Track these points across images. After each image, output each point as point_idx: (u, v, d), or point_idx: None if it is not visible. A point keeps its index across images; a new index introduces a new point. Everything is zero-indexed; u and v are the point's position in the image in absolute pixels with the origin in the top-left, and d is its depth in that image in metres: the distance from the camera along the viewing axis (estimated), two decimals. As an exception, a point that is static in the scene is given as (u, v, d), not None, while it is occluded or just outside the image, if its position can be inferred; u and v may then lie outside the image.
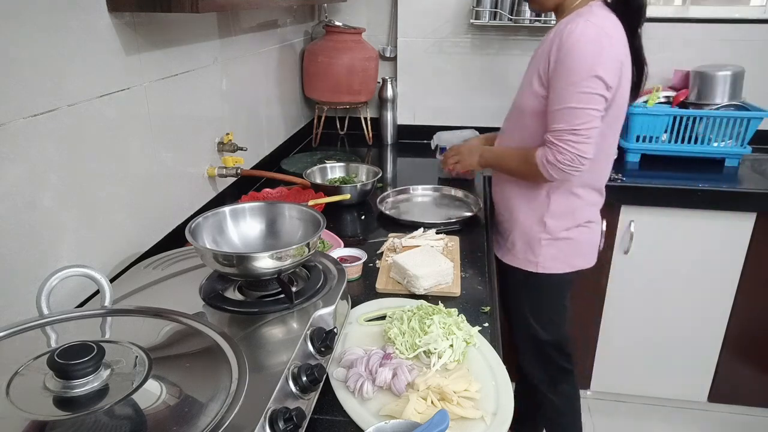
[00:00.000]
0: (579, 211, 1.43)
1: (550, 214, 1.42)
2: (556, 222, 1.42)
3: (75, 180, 1.00)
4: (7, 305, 0.87)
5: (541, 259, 1.46)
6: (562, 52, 1.23)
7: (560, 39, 1.23)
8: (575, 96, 1.22)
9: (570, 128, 1.23)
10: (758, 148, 2.10)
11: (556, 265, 1.47)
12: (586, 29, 1.21)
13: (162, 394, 0.65)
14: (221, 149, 1.56)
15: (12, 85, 0.85)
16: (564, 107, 1.23)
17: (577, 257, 1.48)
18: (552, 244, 1.44)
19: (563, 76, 1.23)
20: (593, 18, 1.23)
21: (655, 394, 2.24)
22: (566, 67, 1.22)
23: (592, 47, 1.20)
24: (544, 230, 1.43)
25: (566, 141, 1.24)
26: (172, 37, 1.29)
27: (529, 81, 1.36)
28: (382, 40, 2.41)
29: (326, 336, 0.85)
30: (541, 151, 1.30)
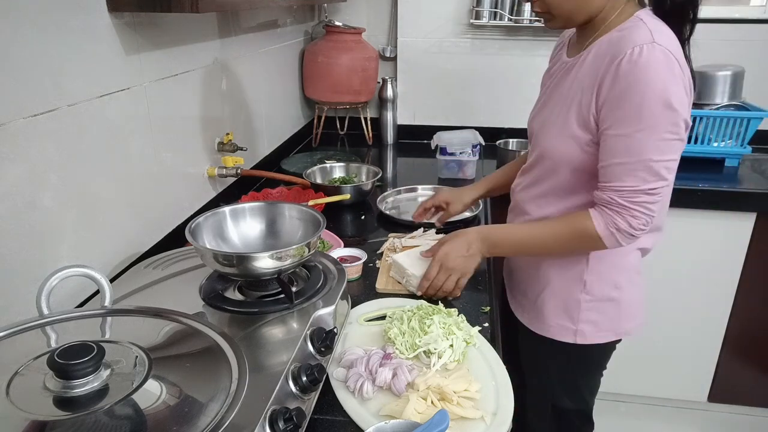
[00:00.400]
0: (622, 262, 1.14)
1: (590, 270, 1.12)
2: (599, 277, 1.13)
3: (75, 180, 1.00)
4: (7, 305, 0.87)
5: (582, 327, 1.15)
6: (623, 87, 0.92)
7: (617, 69, 0.93)
8: (655, 146, 0.93)
9: (646, 188, 0.96)
10: (758, 148, 2.10)
11: (599, 333, 1.16)
12: (654, 54, 0.90)
13: (162, 394, 0.65)
14: (221, 149, 1.56)
15: (12, 85, 0.85)
16: (638, 161, 0.94)
17: (624, 321, 1.17)
18: (594, 308, 1.15)
19: (631, 120, 0.93)
20: (657, 36, 0.92)
21: (655, 394, 2.24)
22: (635, 106, 0.92)
23: (666, 79, 0.91)
24: (584, 290, 1.14)
25: (640, 203, 0.97)
26: (172, 37, 1.29)
27: (562, 121, 1.05)
28: (382, 40, 2.41)
29: (326, 336, 0.85)
30: (602, 218, 1.00)
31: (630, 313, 1.17)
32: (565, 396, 1.27)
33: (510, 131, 2.32)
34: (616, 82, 0.94)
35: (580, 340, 1.16)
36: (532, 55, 2.27)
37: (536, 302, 1.20)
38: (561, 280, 1.15)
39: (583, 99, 1.00)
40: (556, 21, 1.05)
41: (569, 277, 1.14)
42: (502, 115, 2.38)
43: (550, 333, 1.19)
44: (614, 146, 0.96)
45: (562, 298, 1.15)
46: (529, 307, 1.23)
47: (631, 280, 1.15)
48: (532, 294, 1.21)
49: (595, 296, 1.13)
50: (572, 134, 1.03)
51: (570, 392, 1.27)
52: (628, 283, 1.15)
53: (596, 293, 1.13)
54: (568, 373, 1.24)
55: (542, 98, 1.18)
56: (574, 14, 1.02)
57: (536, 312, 1.20)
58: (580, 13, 1.02)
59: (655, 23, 0.96)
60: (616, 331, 1.18)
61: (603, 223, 1.00)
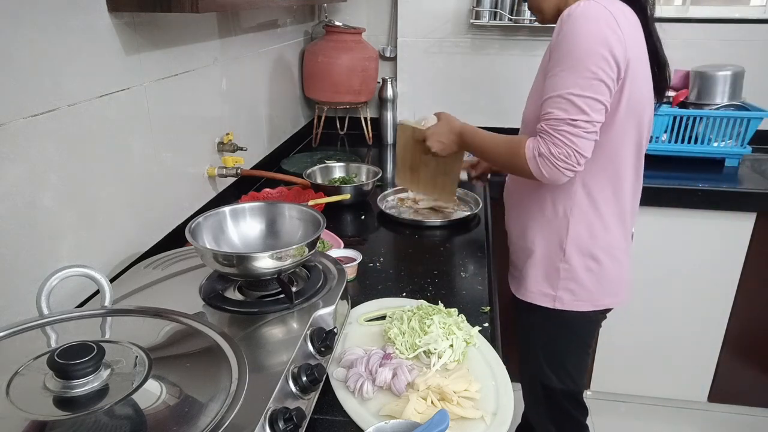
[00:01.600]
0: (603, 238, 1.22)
1: (569, 240, 1.21)
2: (577, 248, 1.22)
3: (75, 180, 1.00)
4: (7, 305, 0.87)
5: (560, 294, 1.25)
6: (559, 37, 1.06)
7: (559, 26, 1.07)
8: (575, 82, 1.04)
9: (568, 118, 1.04)
10: (758, 148, 2.11)
11: (576, 302, 1.25)
12: (588, 9, 1.04)
13: (162, 394, 0.65)
14: (221, 149, 1.56)
15: (12, 85, 0.85)
16: (561, 94, 1.05)
17: (603, 294, 1.25)
18: (573, 278, 1.24)
19: (561, 60, 1.05)
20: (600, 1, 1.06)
21: (655, 394, 2.24)
22: (564, 50, 1.05)
23: (594, 26, 1.02)
24: (563, 259, 1.23)
25: (562, 132, 1.05)
26: (172, 37, 1.29)
27: (535, 90, 1.19)
28: (382, 40, 2.41)
29: (326, 336, 0.85)
30: (532, 142, 1.09)
31: (610, 288, 1.25)
32: (552, 373, 1.33)
33: (510, 131, 2.31)
34: (556, 34, 1.07)
35: (558, 305, 1.25)
36: (532, 55, 2.27)
37: (522, 270, 1.30)
38: (543, 250, 1.25)
39: (545, 64, 1.13)
40: (544, 15, 1.21)
41: (551, 246, 1.24)
42: (502, 115, 2.37)
43: (531, 298, 1.28)
44: (548, 85, 1.08)
45: (543, 266, 1.25)
46: (518, 276, 1.34)
47: (613, 255, 1.23)
48: (520, 263, 1.32)
49: (573, 266, 1.22)
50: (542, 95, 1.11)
51: (555, 367, 1.33)
52: (608, 258, 1.23)
53: (574, 263, 1.22)
54: (551, 343, 1.32)
55: None
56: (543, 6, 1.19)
57: (521, 279, 1.31)
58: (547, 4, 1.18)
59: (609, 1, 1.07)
60: (594, 303, 1.25)
61: (530, 146, 1.10)
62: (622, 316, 2.07)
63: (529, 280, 1.28)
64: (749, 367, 2.10)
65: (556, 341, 1.32)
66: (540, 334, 1.32)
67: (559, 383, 1.33)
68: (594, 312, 1.27)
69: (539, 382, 1.35)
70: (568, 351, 1.33)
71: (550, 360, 1.33)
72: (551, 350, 1.32)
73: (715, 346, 2.09)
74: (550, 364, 1.33)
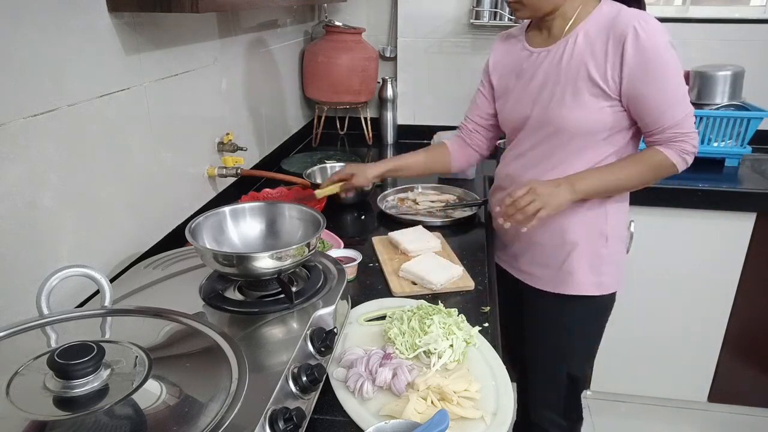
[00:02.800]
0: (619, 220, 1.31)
1: (609, 225, 1.28)
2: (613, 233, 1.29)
3: (75, 180, 1.00)
4: (7, 305, 0.87)
5: (603, 279, 1.30)
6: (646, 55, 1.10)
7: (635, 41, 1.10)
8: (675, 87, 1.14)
9: (689, 111, 1.16)
10: (758, 148, 2.10)
11: (612, 283, 1.32)
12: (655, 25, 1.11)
13: (162, 394, 0.65)
14: (221, 149, 1.56)
15: (12, 85, 0.85)
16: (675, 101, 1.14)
17: (621, 272, 1.35)
18: (611, 261, 1.30)
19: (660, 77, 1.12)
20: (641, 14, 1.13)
21: (655, 394, 2.24)
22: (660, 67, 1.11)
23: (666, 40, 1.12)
24: (606, 245, 1.28)
25: (692, 126, 1.17)
26: (172, 37, 1.29)
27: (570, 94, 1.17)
28: (382, 40, 2.41)
29: (326, 336, 0.85)
30: (672, 149, 1.17)
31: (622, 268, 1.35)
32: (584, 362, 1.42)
33: (510, 131, 2.32)
34: (638, 52, 1.10)
35: (603, 290, 1.31)
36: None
37: (562, 267, 1.30)
38: (587, 241, 1.27)
39: (591, 71, 1.15)
40: (525, 10, 1.20)
41: (594, 235, 1.27)
42: (502, 115, 2.37)
43: (581, 290, 1.30)
44: (655, 99, 1.13)
45: (588, 256, 1.28)
46: (553, 275, 1.32)
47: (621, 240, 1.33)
48: (555, 262, 1.31)
49: (611, 250, 1.29)
50: (584, 103, 1.16)
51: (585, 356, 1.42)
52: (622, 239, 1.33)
53: (612, 247, 1.29)
54: (587, 332, 1.38)
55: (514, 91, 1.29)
56: (541, 4, 1.17)
57: (564, 275, 1.30)
58: (546, 4, 1.17)
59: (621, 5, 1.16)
60: (619, 280, 1.34)
61: (674, 152, 1.17)
62: (622, 316, 2.07)
63: (576, 273, 1.29)
64: (749, 367, 2.10)
65: (593, 328, 1.39)
66: (582, 325, 1.37)
67: (577, 370, 1.40)
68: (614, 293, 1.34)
69: (567, 374, 1.39)
70: (596, 335, 1.41)
71: (583, 349, 1.39)
72: (586, 339, 1.39)
73: (715, 346, 2.08)
74: (582, 352, 1.40)
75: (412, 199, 1.70)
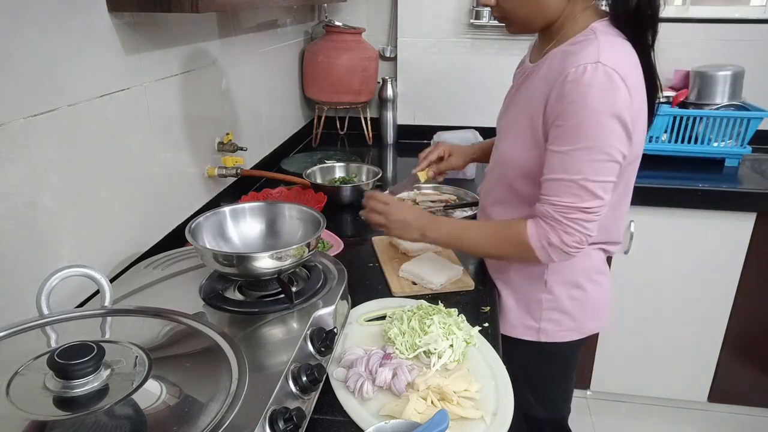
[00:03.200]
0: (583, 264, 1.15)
1: (550, 270, 1.14)
2: (559, 278, 1.15)
3: (75, 180, 1.00)
4: (7, 305, 0.87)
5: (544, 325, 1.18)
6: (565, 105, 0.94)
7: (561, 86, 0.94)
8: (589, 166, 0.94)
9: (583, 206, 0.96)
10: (758, 148, 2.10)
11: (562, 332, 1.19)
12: (596, 75, 0.90)
13: (162, 394, 0.65)
14: (221, 149, 1.56)
15: (12, 85, 0.85)
16: (574, 179, 0.95)
17: (587, 320, 1.19)
18: (556, 308, 1.17)
19: (570, 137, 0.94)
20: (603, 55, 0.91)
21: (655, 394, 2.24)
22: (573, 125, 0.93)
23: (606, 99, 0.91)
24: (545, 290, 1.16)
25: (575, 220, 0.97)
26: (172, 37, 1.29)
27: (516, 129, 1.07)
28: (382, 40, 2.41)
29: (326, 336, 0.85)
30: (536, 229, 1.01)
31: (593, 313, 1.20)
32: (537, 402, 1.27)
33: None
34: (559, 100, 0.95)
35: (543, 338, 1.19)
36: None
37: (499, 302, 1.22)
38: (522, 280, 1.17)
39: (534, 111, 1.02)
40: (514, 26, 1.07)
41: (530, 277, 1.16)
42: (502, 115, 2.38)
43: (514, 332, 1.21)
44: (553, 162, 0.98)
45: (524, 298, 1.18)
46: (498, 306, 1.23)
47: (594, 280, 1.17)
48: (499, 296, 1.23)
49: (556, 296, 1.16)
50: (524, 144, 1.04)
51: (539, 397, 1.27)
52: (589, 283, 1.17)
53: (557, 293, 1.16)
54: (535, 375, 1.24)
55: (507, 99, 1.20)
56: (530, 20, 1.04)
57: (502, 313, 1.21)
58: (535, 19, 1.03)
59: (607, 39, 0.95)
60: (580, 330, 1.20)
61: (536, 234, 1.01)
62: (622, 316, 2.08)
63: (509, 313, 1.20)
64: (749, 367, 2.10)
65: (540, 372, 1.26)
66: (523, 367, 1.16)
67: (544, 412, 1.29)
68: (579, 340, 1.21)
69: (523, 413, 1.26)
70: (553, 380, 1.28)
71: (535, 390, 1.26)
72: (536, 381, 1.26)
73: (715, 346, 2.08)
74: (535, 394, 1.27)
75: (412, 199, 1.70)
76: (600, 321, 1.21)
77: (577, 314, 1.18)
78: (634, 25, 0.98)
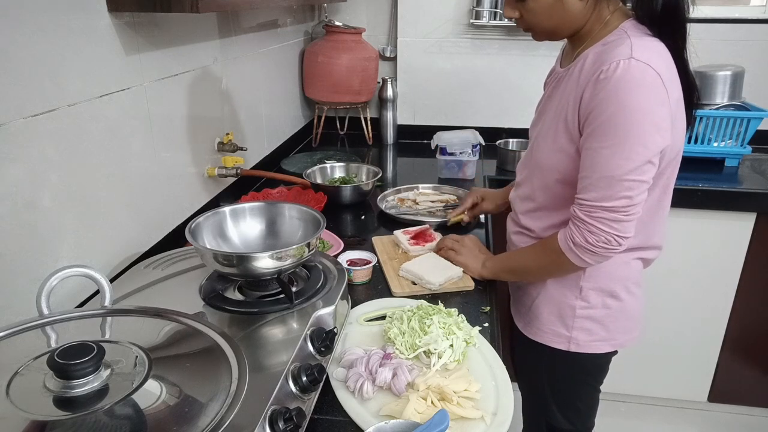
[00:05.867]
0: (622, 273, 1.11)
1: (586, 276, 1.11)
2: (595, 285, 1.11)
3: (75, 180, 1.00)
4: (7, 305, 0.87)
5: (575, 334, 1.14)
6: (597, 102, 0.92)
7: (594, 84, 0.92)
8: (619, 164, 0.92)
9: (606, 205, 0.94)
10: (758, 148, 2.10)
11: (593, 342, 1.15)
12: (631, 72, 0.88)
13: (162, 394, 0.65)
14: (221, 149, 1.56)
15: (12, 85, 0.85)
16: (603, 176, 0.93)
17: (619, 332, 1.15)
18: (589, 316, 1.13)
19: (603, 135, 0.92)
20: (637, 51, 0.90)
21: (655, 394, 2.24)
22: (606, 122, 0.91)
23: (642, 96, 0.89)
24: (579, 296, 1.12)
25: (599, 219, 0.95)
26: (172, 37, 1.29)
27: (553, 133, 1.04)
28: (382, 40, 2.41)
29: (326, 336, 0.85)
30: (563, 233, 1.01)
31: (626, 325, 1.16)
32: (559, 412, 1.24)
33: (510, 131, 2.33)
34: (592, 97, 0.93)
35: (573, 347, 1.15)
36: (531, 55, 2.28)
37: (531, 307, 1.19)
38: (556, 286, 1.14)
39: (568, 113, 1.00)
40: (541, 36, 1.05)
41: (565, 283, 1.13)
42: (502, 115, 2.38)
43: (543, 339, 1.18)
44: (584, 160, 0.97)
45: (556, 304, 1.15)
46: (525, 312, 1.22)
47: (630, 291, 1.13)
48: (527, 299, 1.21)
49: (590, 304, 1.12)
50: (561, 147, 1.02)
51: (564, 408, 1.24)
52: (625, 293, 1.13)
53: (591, 301, 1.12)
54: (562, 384, 1.22)
55: (539, 106, 1.18)
56: (556, 30, 1.02)
57: (531, 317, 1.20)
58: (562, 29, 1.02)
59: (639, 36, 0.94)
60: (611, 342, 1.16)
61: (563, 238, 1.01)
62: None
63: (540, 318, 1.17)
64: (749, 367, 2.10)
65: (568, 383, 1.22)
66: (550, 376, 1.21)
67: (568, 425, 1.25)
68: (609, 352, 1.18)
69: (546, 423, 1.26)
70: (580, 392, 1.24)
71: (561, 401, 1.23)
72: (562, 391, 1.23)
73: (715, 346, 2.08)
74: (560, 405, 1.23)
75: (412, 199, 1.70)
76: (632, 334, 1.17)
77: (611, 325, 1.14)
78: (662, 26, 0.96)
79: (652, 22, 0.96)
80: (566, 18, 0.99)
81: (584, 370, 1.21)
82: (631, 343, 1.18)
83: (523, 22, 1.04)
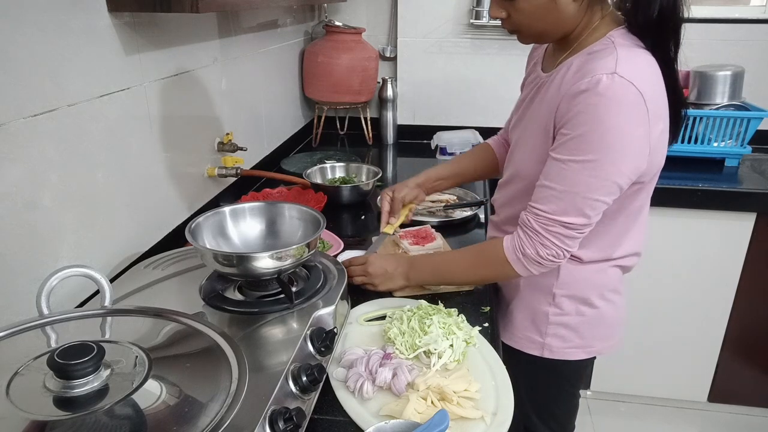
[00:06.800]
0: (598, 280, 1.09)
1: (559, 283, 1.09)
2: (568, 293, 1.10)
3: (75, 180, 1.00)
4: (7, 305, 0.87)
5: (549, 341, 1.13)
6: (573, 114, 0.88)
7: (573, 95, 0.88)
8: (587, 182, 0.89)
9: (564, 221, 0.93)
10: (758, 148, 2.11)
11: (567, 349, 1.13)
12: (611, 88, 0.85)
13: (162, 394, 0.65)
14: (221, 149, 1.56)
15: (12, 85, 0.85)
16: (566, 191, 0.91)
17: (596, 339, 1.14)
18: (563, 323, 1.12)
19: (575, 149, 0.89)
20: (621, 66, 0.86)
21: (655, 394, 2.24)
22: (580, 137, 0.88)
23: (619, 117, 0.86)
24: (552, 303, 1.11)
25: (554, 234, 0.94)
26: (172, 37, 1.29)
27: (532, 141, 1.01)
28: (382, 40, 2.41)
29: (326, 336, 0.85)
30: (511, 242, 0.98)
31: (603, 332, 1.14)
32: (537, 417, 1.23)
33: (510, 131, 2.32)
34: (569, 108, 0.89)
35: (547, 354, 1.14)
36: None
37: (506, 312, 1.19)
38: (530, 291, 1.13)
39: (547, 122, 0.97)
40: (528, 39, 1.01)
41: (538, 288, 1.11)
42: (502, 115, 2.33)
43: (518, 344, 1.17)
44: (549, 169, 0.94)
45: (530, 309, 1.13)
46: (501, 315, 1.21)
47: (606, 298, 1.11)
48: (504, 303, 1.20)
49: (564, 311, 1.10)
50: (540, 156, 0.98)
51: (541, 413, 1.23)
52: (601, 301, 1.11)
53: (564, 308, 1.10)
54: (538, 392, 1.20)
55: (519, 109, 1.14)
56: (546, 33, 0.98)
57: (506, 321, 1.19)
58: (552, 31, 0.97)
59: (626, 48, 0.90)
60: (587, 350, 1.14)
61: (511, 246, 0.99)
62: (622, 316, 2.08)
63: (515, 323, 1.16)
64: (749, 367, 2.10)
65: (543, 388, 1.21)
66: (526, 381, 1.14)
67: (546, 430, 1.25)
68: (585, 359, 1.16)
69: (524, 427, 1.25)
70: (557, 398, 1.23)
71: (537, 407, 1.22)
72: (538, 397, 1.21)
73: (715, 346, 2.09)
74: (537, 411, 1.23)
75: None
76: (610, 341, 1.15)
77: (586, 332, 1.12)
78: (655, 35, 0.91)
79: (646, 31, 0.92)
80: (558, 20, 0.94)
81: (561, 376, 1.20)
82: (609, 351, 1.16)
83: (509, 23, 0.99)
